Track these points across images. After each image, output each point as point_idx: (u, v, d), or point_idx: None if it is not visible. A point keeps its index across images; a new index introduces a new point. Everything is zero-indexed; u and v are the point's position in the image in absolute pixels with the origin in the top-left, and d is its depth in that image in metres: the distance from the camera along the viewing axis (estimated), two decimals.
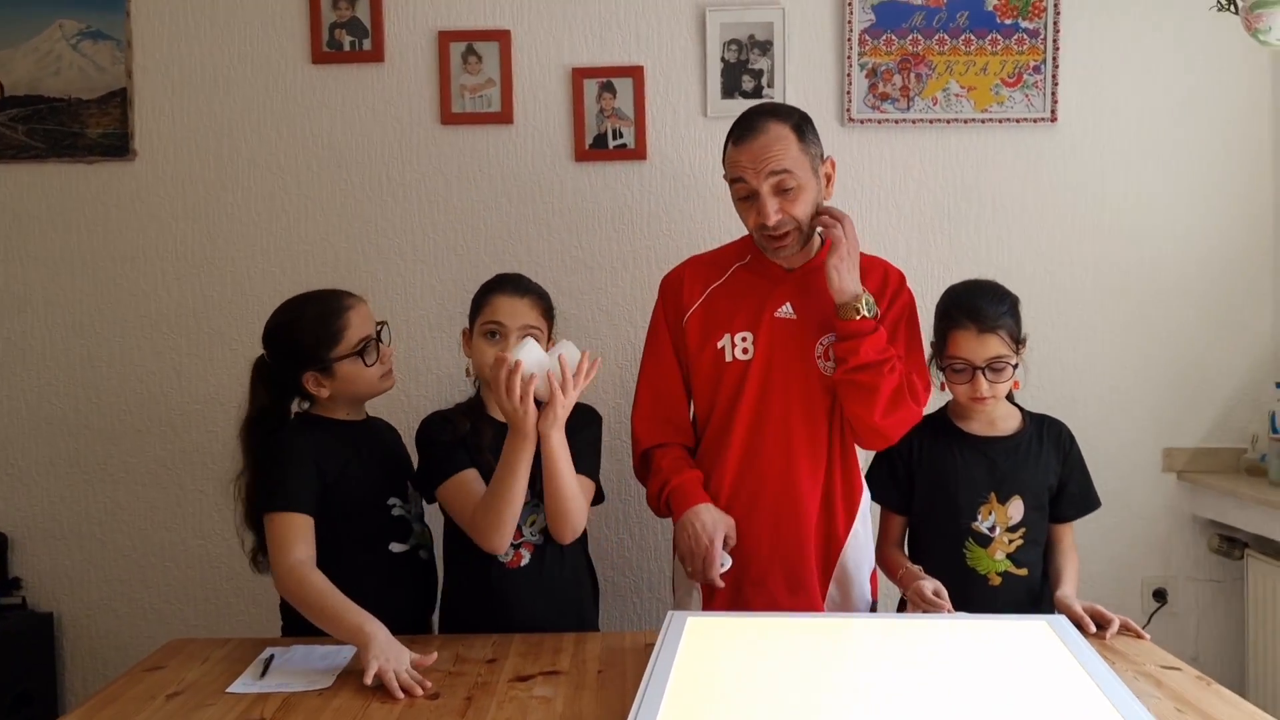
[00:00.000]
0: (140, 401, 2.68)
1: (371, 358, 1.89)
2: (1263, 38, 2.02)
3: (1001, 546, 1.94)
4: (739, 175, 1.92)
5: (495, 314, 1.93)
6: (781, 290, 2.01)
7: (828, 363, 1.97)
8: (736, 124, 1.95)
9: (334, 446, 1.88)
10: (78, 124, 2.64)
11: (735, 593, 1.98)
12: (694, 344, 2.02)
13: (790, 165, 1.89)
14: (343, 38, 2.64)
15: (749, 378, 1.98)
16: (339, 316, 1.89)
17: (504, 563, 1.90)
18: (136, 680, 1.64)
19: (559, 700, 1.53)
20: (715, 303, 2.03)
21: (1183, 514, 2.73)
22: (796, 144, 1.91)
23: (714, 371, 2.01)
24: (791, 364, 1.98)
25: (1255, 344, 2.72)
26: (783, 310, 1.99)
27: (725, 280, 2.05)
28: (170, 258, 2.67)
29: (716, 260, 2.10)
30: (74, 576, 2.70)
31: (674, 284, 2.08)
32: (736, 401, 1.98)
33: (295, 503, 1.79)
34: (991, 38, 2.64)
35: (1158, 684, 1.55)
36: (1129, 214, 2.69)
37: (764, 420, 1.98)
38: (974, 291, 1.97)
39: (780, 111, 1.95)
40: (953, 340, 1.93)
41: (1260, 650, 2.53)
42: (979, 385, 1.90)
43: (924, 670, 1.51)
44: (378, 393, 1.95)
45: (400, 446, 2.06)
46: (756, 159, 1.89)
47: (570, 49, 2.65)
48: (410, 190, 2.67)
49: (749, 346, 1.99)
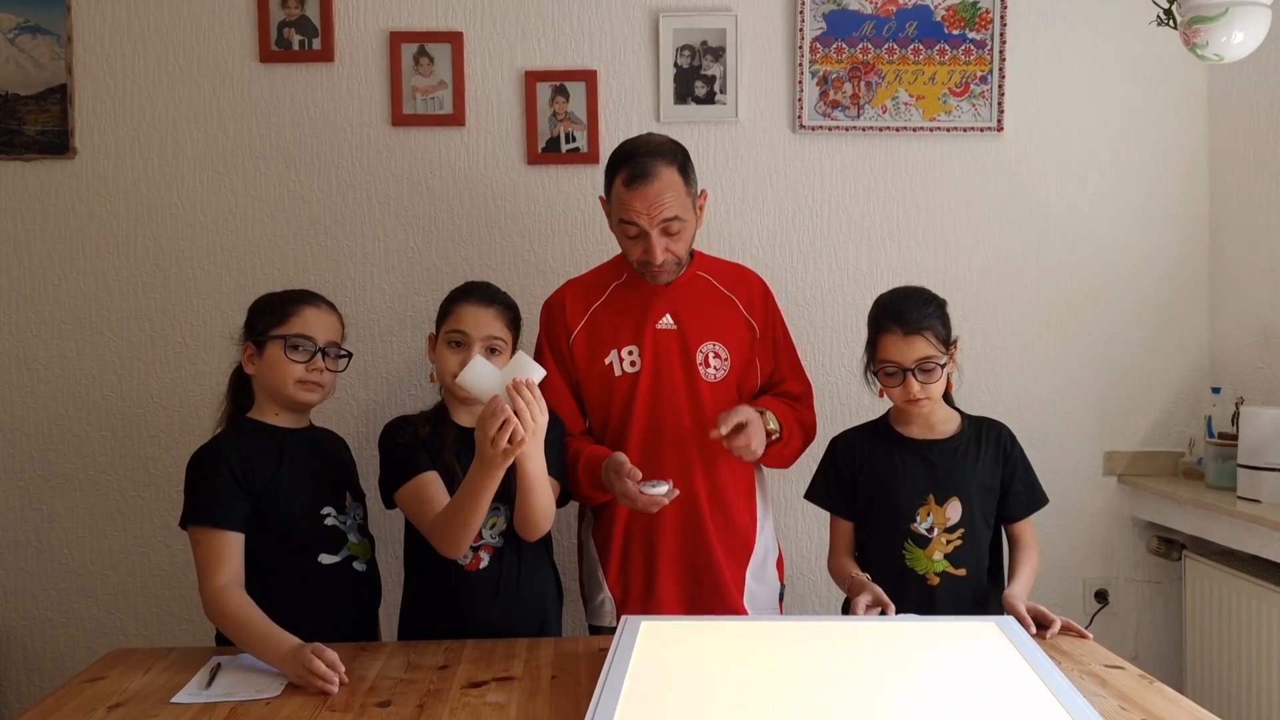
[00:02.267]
0: (79, 405, 2.61)
1: (299, 356, 1.86)
2: (1200, 52, 2.07)
3: (939, 547, 1.97)
4: (630, 219, 1.99)
5: (460, 323, 1.92)
6: (659, 303, 2.10)
7: (709, 369, 2.08)
8: (625, 162, 2.00)
9: (264, 454, 1.84)
10: (15, 120, 2.57)
11: (646, 595, 2.06)
12: (583, 362, 2.10)
13: (679, 211, 1.99)
14: (292, 36, 2.60)
15: (639, 388, 2.07)
16: (295, 304, 1.90)
17: (463, 565, 1.89)
18: (76, 692, 1.60)
19: (512, 706, 1.52)
20: (598, 321, 2.11)
21: (1123, 516, 2.79)
22: (683, 187, 2.01)
23: (604, 385, 2.09)
24: (676, 372, 2.07)
25: (1193, 350, 2.79)
26: (663, 322, 2.09)
27: (605, 299, 2.13)
28: (111, 258, 2.61)
29: (594, 281, 2.18)
30: (9, 586, 2.62)
31: (556, 308, 2.16)
32: (629, 411, 2.07)
33: (220, 518, 1.77)
34: (939, 47, 2.68)
35: (1102, 683, 1.59)
36: (1071, 222, 2.75)
37: (658, 426, 2.06)
38: (900, 297, 2.02)
39: (666, 152, 2.01)
40: (882, 344, 1.97)
41: (1198, 649, 2.60)
42: (910, 387, 1.94)
43: (876, 671, 1.53)
44: (291, 398, 1.88)
45: (344, 456, 2.03)
46: (650, 205, 1.97)
47: (523, 52, 2.65)
48: (360, 192, 2.64)
49: (636, 359, 2.08)
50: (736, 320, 2.14)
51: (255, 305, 1.95)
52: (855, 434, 2.11)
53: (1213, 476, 2.57)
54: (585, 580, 2.19)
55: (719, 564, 2.07)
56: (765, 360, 2.17)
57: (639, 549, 2.08)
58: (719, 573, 2.07)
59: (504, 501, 1.91)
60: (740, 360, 2.12)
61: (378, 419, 2.58)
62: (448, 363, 1.91)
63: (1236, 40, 2.03)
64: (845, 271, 2.73)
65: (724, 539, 2.08)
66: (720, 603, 2.06)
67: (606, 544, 2.10)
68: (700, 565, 2.07)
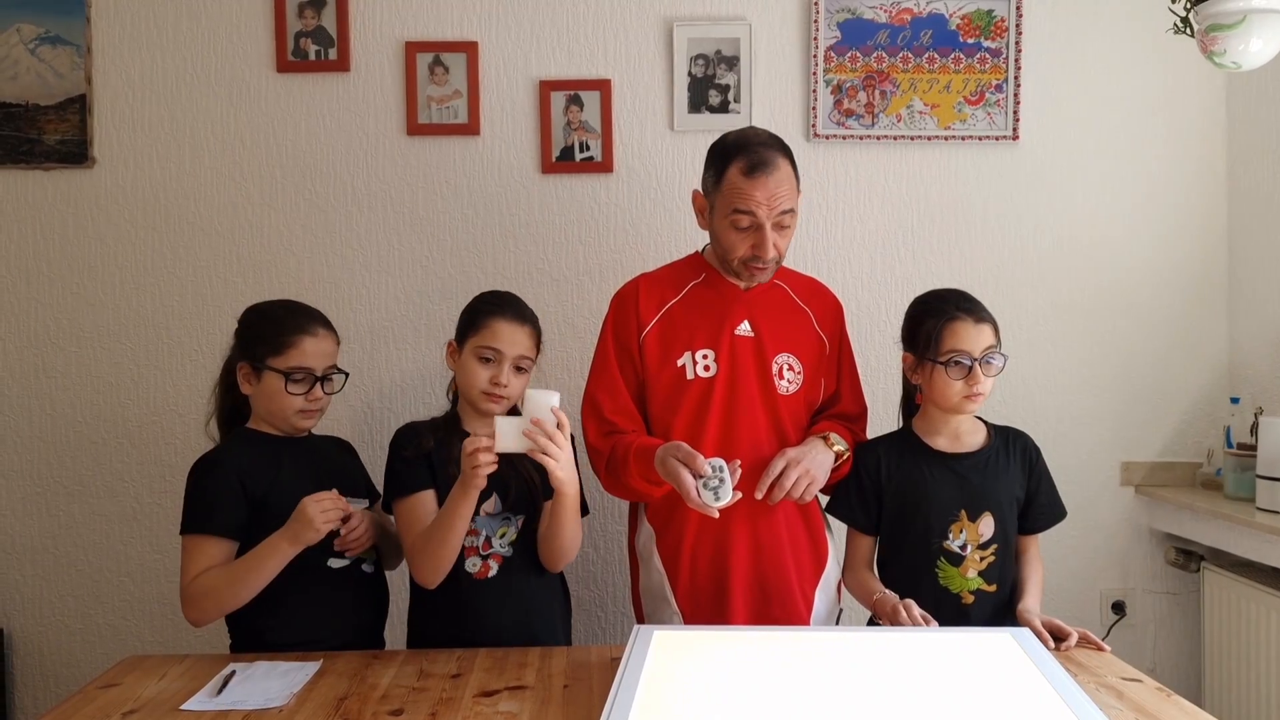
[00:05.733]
0: (97, 413, 2.63)
1: (298, 388, 1.87)
2: (1218, 60, 2.06)
3: (973, 564, 1.92)
4: (748, 208, 1.91)
5: (494, 339, 1.91)
6: (739, 308, 2.03)
7: (782, 381, 2.01)
8: (743, 151, 1.92)
9: (263, 463, 1.86)
10: (35, 130, 2.60)
11: (716, 612, 1.98)
12: (653, 362, 2.02)
13: (793, 204, 1.94)
14: (308, 47, 2.62)
15: (714, 394, 1.99)
16: (293, 333, 1.89)
17: (472, 573, 1.89)
18: (90, 698, 1.60)
19: (524, 716, 1.51)
20: (674, 320, 2.03)
21: (1140, 527, 2.77)
22: (795, 183, 1.96)
23: (674, 388, 2.01)
24: (752, 381, 2.00)
25: (1211, 360, 2.77)
26: (742, 328, 2.02)
27: (682, 298, 2.05)
28: (129, 267, 2.63)
29: (669, 278, 2.09)
30: (26, 592, 2.64)
31: (629, 300, 2.06)
32: (703, 417, 1.98)
33: (211, 526, 1.80)
34: (954, 56, 2.67)
35: (1119, 695, 1.57)
36: (1088, 231, 2.74)
37: (734, 435, 1.98)
38: (956, 291, 1.98)
39: (780, 145, 1.96)
40: (950, 333, 1.90)
41: (1216, 661, 2.57)
42: (977, 378, 1.89)
43: (890, 682, 1.51)
44: (289, 426, 1.90)
45: (350, 462, 2.05)
46: (771, 196, 1.90)
47: (538, 61, 2.65)
48: (375, 201, 2.65)
49: (711, 364, 2.00)
50: (809, 334, 2.07)
51: (250, 323, 1.93)
52: (879, 445, 2.04)
53: (1231, 487, 2.55)
54: (644, 595, 2.07)
55: (790, 580, 1.99)
56: (829, 379, 2.10)
57: (708, 563, 1.99)
58: (790, 589, 1.99)
59: (515, 512, 1.91)
60: (810, 375, 2.05)
61: (390, 426, 2.59)
62: (476, 376, 1.90)
63: (1255, 48, 2.01)
64: (860, 280, 2.72)
65: (796, 554, 2.01)
66: (788, 619, 1.99)
67: (675, 558, 2.01)
68: (771, 581, 1.99)
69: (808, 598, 2.03)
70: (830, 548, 2.09)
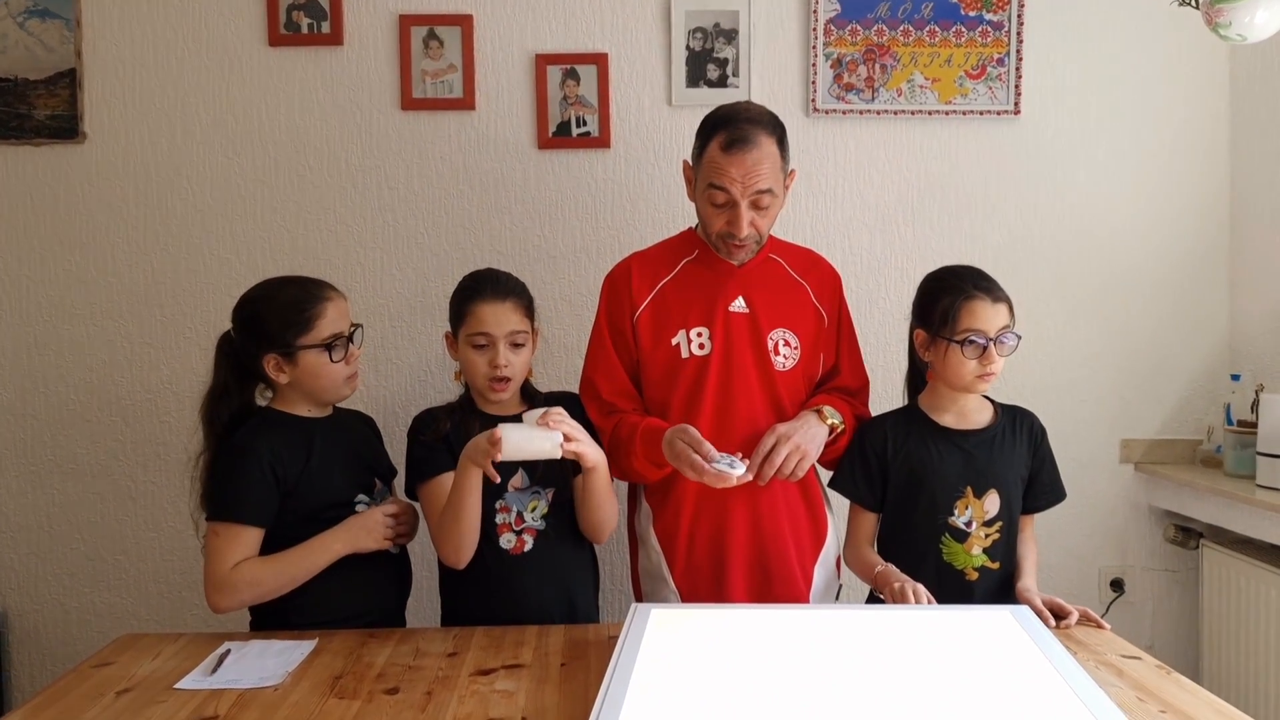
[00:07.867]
0: (90, 390, 2.61)
1: (339, 355, 1.85)
2: (1223, 32, 2.03)
3: (978, 541, 1.91)
4: (722, 184, 1.89)
5: (481, 325, 1.89)
6: (732, 284, 2.01)
7: (778, 357, 1.99)
8: (725, 125, 1.90)
9: (292, 448, 1.83)
10: (24, 105, 2.56)
11: (715, 590, 1.97)
12: (646, 341, 2.00)
13: (772, 184, 1.90)
14: (301, 20, 2.58)
15: (709, 372, 1.97)
16: (314, 305, 1.85)
17: (507, 549, 1.89)
18: (85, 677, 1.59)
19: (521, 694, 1.50)
20: (666, 299, 2.02)
21: (1139, 504, 2.76)
22: (779, 162, 1.92)
23: (669, 367, 1.99)
24: (747, 358, 1.98)
25: (1211, 336, 2.75)
26: (736, 304, 2.00)
27: (674, 276, 2.03)
28: (121, 243, 2.60)
29: (661, 256, 2.07)
30: (20, 571, 2.63)
31: (620, 281, 2.05)
32: (698, 396, 1.97)
33: (245, 515, 1.78)
34: (956, 29, 2.64)
35: (1119, 673, 1.56)
36: (1088, 206, 2.72)
37: (730, 413, 1.97)
38: (971, 269, 1.95)
39: (767, 122, 1.92)
40: (967, 312, 1.87)
41: (1214, 639, 2.57)
42: (991, 358, 1.86)
43: (889, 660, 1.51)
44: (339, 396, 1.90)
45: (374, 439, 2.03)
46: (747, 174, 1.88)
47: (534, 35, 2.62)
48: (369, 176, 2.62)
49: (705, 341, 1.98)
50: (807, 308, 2.04)
51: (259, 314, 1.86)
52: (885, 421, 2.01)
53: (1231, 464, 2.54)
54: (643, 575, 2.07)
55: (790, 557, 1.99)
56: (828, 352, 2.08)
57: (707, 541, 1.98)
58: (789, 566, 1.99)
59: (545, 485, 1.91)
60: (808, 350, 2.03)
61: (392, 403, 2.58)
62: (475, 366, 1.90)
63: (1260, 20, 1.99)
64: (859, 256, 2.70)
65: (796, 530, 2.01)
66: (788, 597, 1.98)
67: (672, 537, 2.00)
68: (771, 558, 1.98)
69: (807, 573, 2.02)
70: (830, 523, 2.08)
